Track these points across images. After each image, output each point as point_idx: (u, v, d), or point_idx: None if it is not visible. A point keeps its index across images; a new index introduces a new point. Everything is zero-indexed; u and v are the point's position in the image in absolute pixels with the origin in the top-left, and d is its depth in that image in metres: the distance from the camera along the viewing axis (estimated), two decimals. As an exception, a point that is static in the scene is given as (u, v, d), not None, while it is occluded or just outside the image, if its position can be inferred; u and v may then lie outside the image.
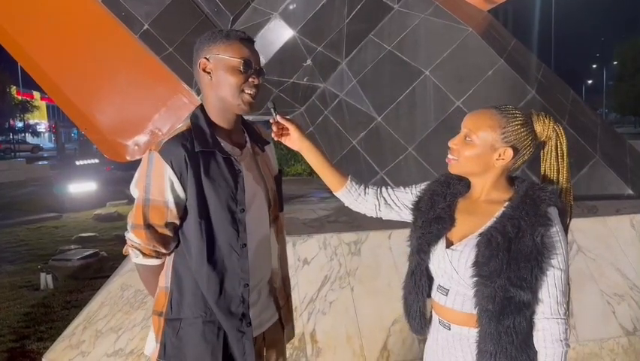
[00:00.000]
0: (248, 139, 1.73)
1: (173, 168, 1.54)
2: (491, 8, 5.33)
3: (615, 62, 41.56)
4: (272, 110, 1.71)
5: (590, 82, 61.19)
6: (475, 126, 1.50)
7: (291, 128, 1.72)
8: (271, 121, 1.73)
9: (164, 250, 1.62)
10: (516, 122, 1.49)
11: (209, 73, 1.61)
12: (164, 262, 1.67)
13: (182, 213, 1.60)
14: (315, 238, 3.42)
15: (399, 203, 1.72)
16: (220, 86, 1.60)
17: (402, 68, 4.40)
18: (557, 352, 1.41)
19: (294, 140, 1.73)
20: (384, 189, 1.75)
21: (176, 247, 1.65)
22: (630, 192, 4.31)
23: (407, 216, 1.70)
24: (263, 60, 4.19)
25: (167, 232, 1.60)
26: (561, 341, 1.41)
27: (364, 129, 4.54)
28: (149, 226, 1.58)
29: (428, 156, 4.20)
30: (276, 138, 1.73)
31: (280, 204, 1.80)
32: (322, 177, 1.77)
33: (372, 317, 3.14)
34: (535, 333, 1.44)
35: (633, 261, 3.51)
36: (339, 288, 3.24)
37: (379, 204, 1.74)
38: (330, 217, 3.99)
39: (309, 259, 3.32)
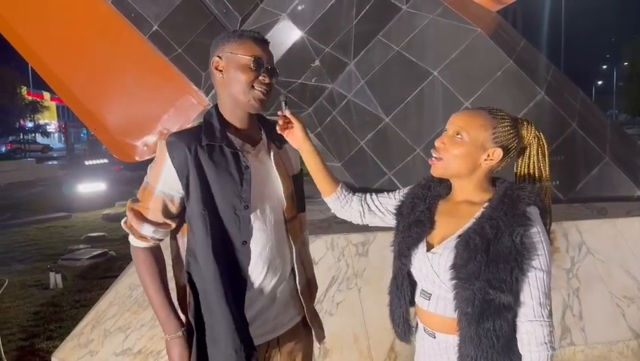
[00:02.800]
0: (264, 136, 1.72)
1: (172, 161, 1.55)
2: (500, 9, 5.31)
3: (625, 63, 41.25)
4: (282, 103, 1.71)
5: (599, 83, 60.79)
6: (468, 125, 1.48)
7: (297, 126, 1.71)
8: (279, 114, 1.72)
9: (135, 226, 1.61)
10: (506, 124, 1.49)
11: (221, 71, 1.62)
12: (149, 250, 1.65)
13: (169, 208, 1.60)
14: (323, 238, 3.42)
15: (382, 209, 1.72)
16: (231, 84, 1.61)
17: (410, 68, 4.39)
18: (542, 355, 1.37)
19: (298, 138, 1.72)
20: (368, 195, 1.76)
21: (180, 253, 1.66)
22: (640, 193, 4.28)
23: (391, 222, 1.70)
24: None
25: (146, 213, 1.60)
26: (546, 343, 1.37)
27: (372, 130, 4.53)
28: (135, 201, 1.64)
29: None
30: (279, 131, 1.72)
31: (300, 204, 1.78)
32: (316, 180, 1.78)
33: (380, 318, 3.13)
34: (518, 337, 1.40)
35: (643, 263, 3.48)
36: (347, 289, 3.24)
37: (364, 211, 1.75)
38: (338, 218, 3.97)
39: (316, 260, 3.32)
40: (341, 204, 1.77)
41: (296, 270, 1.73)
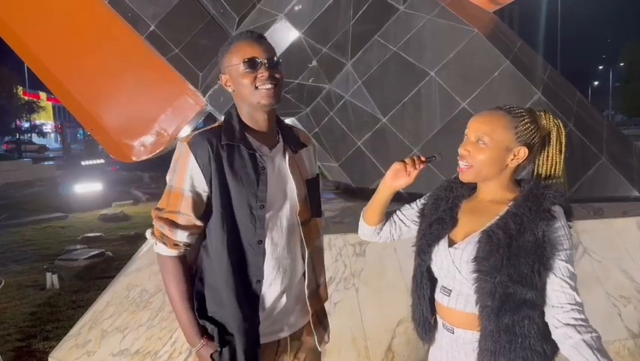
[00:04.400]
0: (281, 140, 1.74)
1: (196, 160, 1.58)
2: (497, 9, 5.32)
3: (622, 64, 41.40)
4: (435, 157, 1.66)
5: (596, 83, 61.02)
6: (489, 129, 1.48)
7: (414, 176, 1.64)
8: (424, 159, 1.63)
9: (169, 234, 1.60)
10: (526, 121, 1.49)
11: (229, 86, 1.68)
12: (178, 259, 1.63)
13: (200, 207, 1.61)
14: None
15: (407, 221, 1.75)
16: (239, 92, 1.65)
17: (407, 69, 4.40)
18: (594, 333, 1.36)
19: (404, 182, 1.64)
20: (393, 215, 1.78)
21: (197, 249, 1.66)
22: (637, 193, 4.29)
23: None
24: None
25: (177, 219, 1.60)
26: (589, 327, 1.37)
27: (370, 130, 4.54)
28: (162, 209, 1.63)
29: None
30: (409, 168, 1.63)
31: (314, 208, 1.79)
32: (372, 209, 1.76)
33: (377, 319, 3.14)
34: (564, 327, 1.37)
35: (639, 263, 3.49)
36: (344, 289, 3.25)
37: (392, 230, 1.78)
38: (335, 218, 3.99)
39: (314, 260, 3.33)
40: (376, 231, 1.80)
41: (306, 274, 1.74)
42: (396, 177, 1.65)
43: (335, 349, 3.03)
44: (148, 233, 1.66)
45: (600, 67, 63.16)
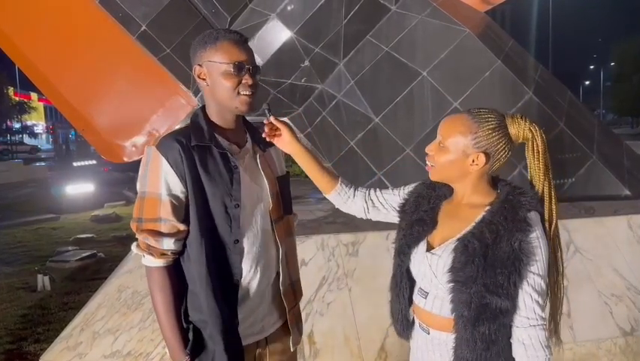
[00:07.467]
0: (249, 139, 1.73)
1: (168, 162, 1.54)
2: (488, 9, 5.34)
3: (612, 63, 41.69)
4: (266, 112, 1.75)
5: (587, 83, 61.43)
6: (447, 132, 1.49)
7: (284, 130, 1.74)
8: (265, 122, 1.75)
9: (154, 245, 1.56)
10: (488, 127, 1.46)
11: (204, 79, 1.63)
12: (165, 269, 1.59)
13: (180, 210, 1.57)
14: (313, 238, 3.43)
15: (386, 205, 1.74)
16: (216, 91, 1.61)
17: (399, 69, 4.40)
18: (541, 357, 1.39)
19: (286, 142, 1.75)
20: (372, 191, 1.77)
21: (182, 252, 1.62)
22: (627, 192, 4.32)
23: (394, 218, 1.72)
24: (260, 61, 4.25)
25: (160, 228, 1.55)
26: (546, 347, 1.40)
27: (362, 130, 4.54)
28: (140, 220, 1.58)
29: (426, 156, 4.20)
30: (267, 139, 1.74)
31: (286, 205, 1.79)
32: (313, 179, 1.80)
33: (370, 318, 3.14)
34: (516, 342, 1.41)
35: (630, 261, 3.52)
36: (337, 289, 3.25)
37: (367, 207, 1.76)
38: (328, 218, 3.99)
39: (306, 260, 3.33)
40: (343, 199, 1.79)
41: (280, 272, 1.73)
42: (279, 144, 1.77)
43: (328, 349, 3.03)
44: (134, 246, 1.61)
45: (591, 66, 63.61)
